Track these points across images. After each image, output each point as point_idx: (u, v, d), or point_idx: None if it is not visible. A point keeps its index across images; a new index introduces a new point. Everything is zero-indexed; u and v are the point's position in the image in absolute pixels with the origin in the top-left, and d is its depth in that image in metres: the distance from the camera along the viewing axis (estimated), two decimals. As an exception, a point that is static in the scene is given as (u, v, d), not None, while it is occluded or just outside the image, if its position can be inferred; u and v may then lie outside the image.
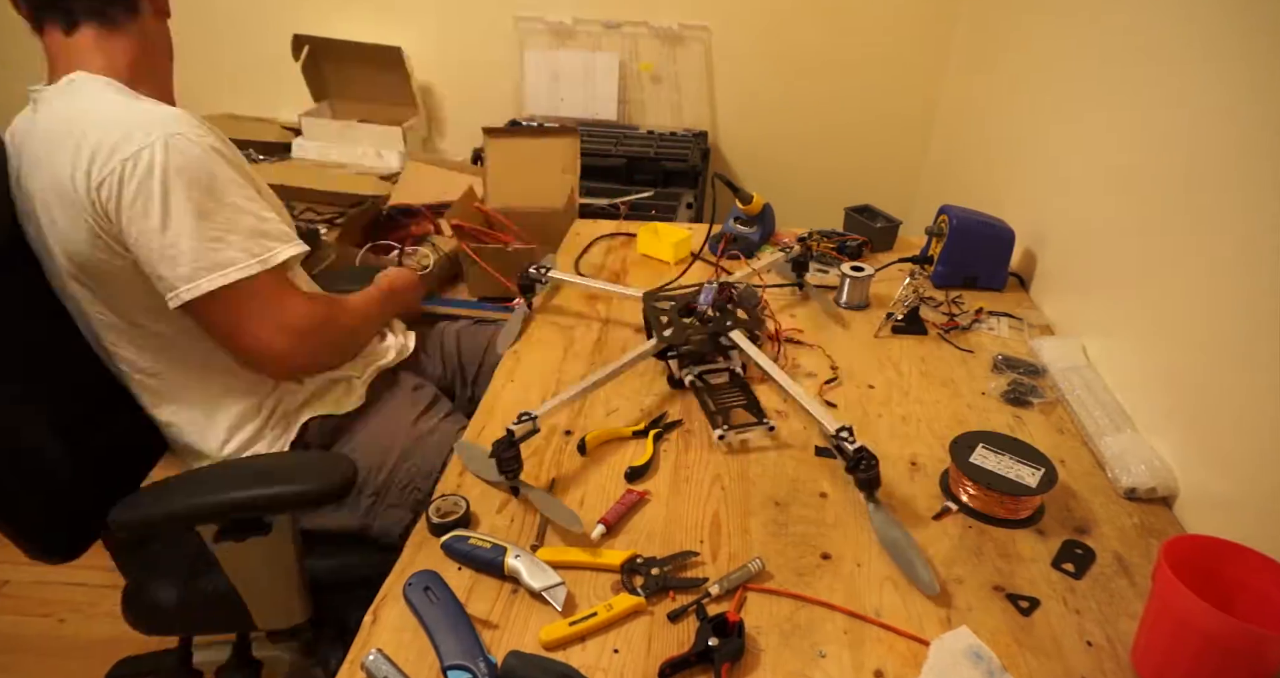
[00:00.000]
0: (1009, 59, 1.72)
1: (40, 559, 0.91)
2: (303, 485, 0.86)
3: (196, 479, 0.92)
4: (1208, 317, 0.90)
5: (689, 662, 0.66)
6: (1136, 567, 0.79)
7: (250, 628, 0.98)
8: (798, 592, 0.74)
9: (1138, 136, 1.10)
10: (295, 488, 0.85)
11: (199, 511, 0.86)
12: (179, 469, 1.02)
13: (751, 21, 2.19)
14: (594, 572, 0.76)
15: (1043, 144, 1.45)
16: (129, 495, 0.88)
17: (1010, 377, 1.09)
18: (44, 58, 0.94)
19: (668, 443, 0.95)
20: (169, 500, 0.88)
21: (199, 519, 0.86)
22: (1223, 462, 0.84)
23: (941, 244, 1.36)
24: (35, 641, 1.55)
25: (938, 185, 2.18)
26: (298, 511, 0.92)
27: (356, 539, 1.06)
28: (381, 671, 0.63)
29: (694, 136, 2.25)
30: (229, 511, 0.86)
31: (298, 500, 0.87)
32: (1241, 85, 0.89)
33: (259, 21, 2.29)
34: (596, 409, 1.00)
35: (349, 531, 1.06)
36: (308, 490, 0.85)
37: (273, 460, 1.00)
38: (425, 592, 0.70)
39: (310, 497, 0.86)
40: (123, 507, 0.86)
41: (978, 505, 0.85)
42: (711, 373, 1.03)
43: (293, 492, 0.85)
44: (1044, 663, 0.69)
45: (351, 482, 0.86)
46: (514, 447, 0.83)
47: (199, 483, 0.91)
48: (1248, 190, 0.85)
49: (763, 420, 0.95)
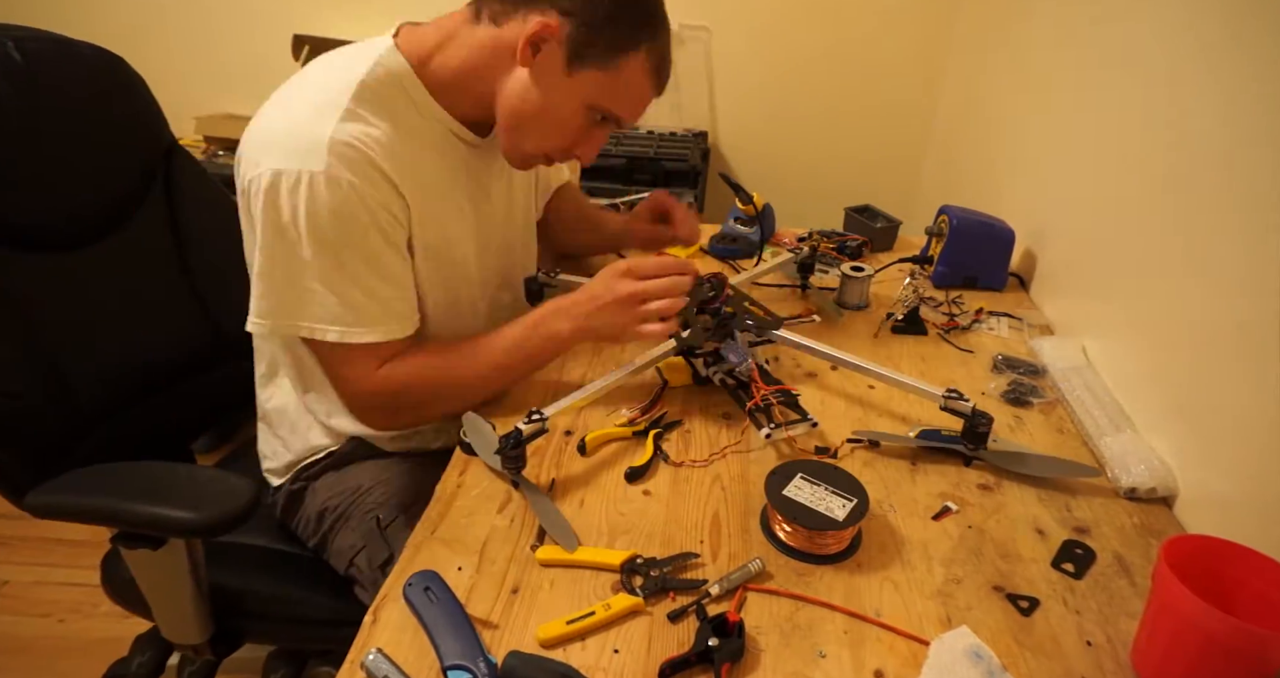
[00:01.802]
0: (1009, 59, 1.72)
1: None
2: (183, 513, 0.80)
3: (106, 474, 0.89)
4: (1208, 317, 0.90)
5: (689, 662, 0.66)
6: (1136, 567, 0.79)
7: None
8: (798, 592, 0.74)
9: (1138, 136, 1.10)
10: (174, 514, 0.80)
11: (86, 511, 0.83)
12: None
13: (751, 21, 2.19)
14: (594, 571, 0.76)
15: (1043, 144, 1.45)
16: (51, 480, 0.86)
17: (1010, 377, 1.09)
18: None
19: (668, 443, 0.94)
20: (70, 494, 0.85)
21: (89, 520, 0.83)
22: (1223, 462, 0.84)
23: (941, 244, 1.36)
24: (35, 641, 1.55)
25: (938, 185, 2.18)
26: (178, 536, 0.86)
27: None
28: (381, 670, 0.63)
29: (694, 137, 2.25)
30: (109, 520, 0.83)
31: (174, 527, 0.81)
32: (1242, 85, 0.88)
33: (259, 21, 2.29)
34: (597, 409, 1.00)
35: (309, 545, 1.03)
36: (187, 520, 0.80)
37: (174, 474, 0.91)
38: (425, 592, 0.70)
39: (189, 526, 0.80)
40: (39, 491, 0.84)
41: (794, 543, 0.78)
42: (734, 371, 0.98)
43: (170, 517, 0.80)
44: (1044, 663, 0.69)
45: (240, 518, 0.80)
46: (520, 446, 0.83)
47: (104, 479, 0.87)
48: (1249, 190, 0.85)
49: (807, 417, 0.92)
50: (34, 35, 0.98)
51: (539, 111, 0.88)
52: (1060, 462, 0.93)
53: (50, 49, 0.99)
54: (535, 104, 0.88)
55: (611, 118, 0.91)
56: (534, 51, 0.85)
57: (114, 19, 2.29)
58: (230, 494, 0.82)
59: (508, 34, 0.86)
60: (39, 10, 2.19)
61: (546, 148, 0.94)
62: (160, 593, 0.91)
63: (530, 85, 0.86)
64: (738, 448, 0.94)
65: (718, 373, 0.99)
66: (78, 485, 0.87)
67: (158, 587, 0.90)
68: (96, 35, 1.06)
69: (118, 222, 1.07)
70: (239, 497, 0.82)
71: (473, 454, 0.90)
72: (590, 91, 0.87)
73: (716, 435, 0.96)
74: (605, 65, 0.85)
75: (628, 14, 0.85)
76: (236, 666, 1.26)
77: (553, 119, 0.89)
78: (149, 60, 1.18)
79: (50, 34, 1.01)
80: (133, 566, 0.88)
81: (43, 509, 0.86)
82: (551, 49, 0.84)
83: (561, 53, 0.85)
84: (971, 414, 0.90)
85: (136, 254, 1.08)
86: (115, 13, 2.32)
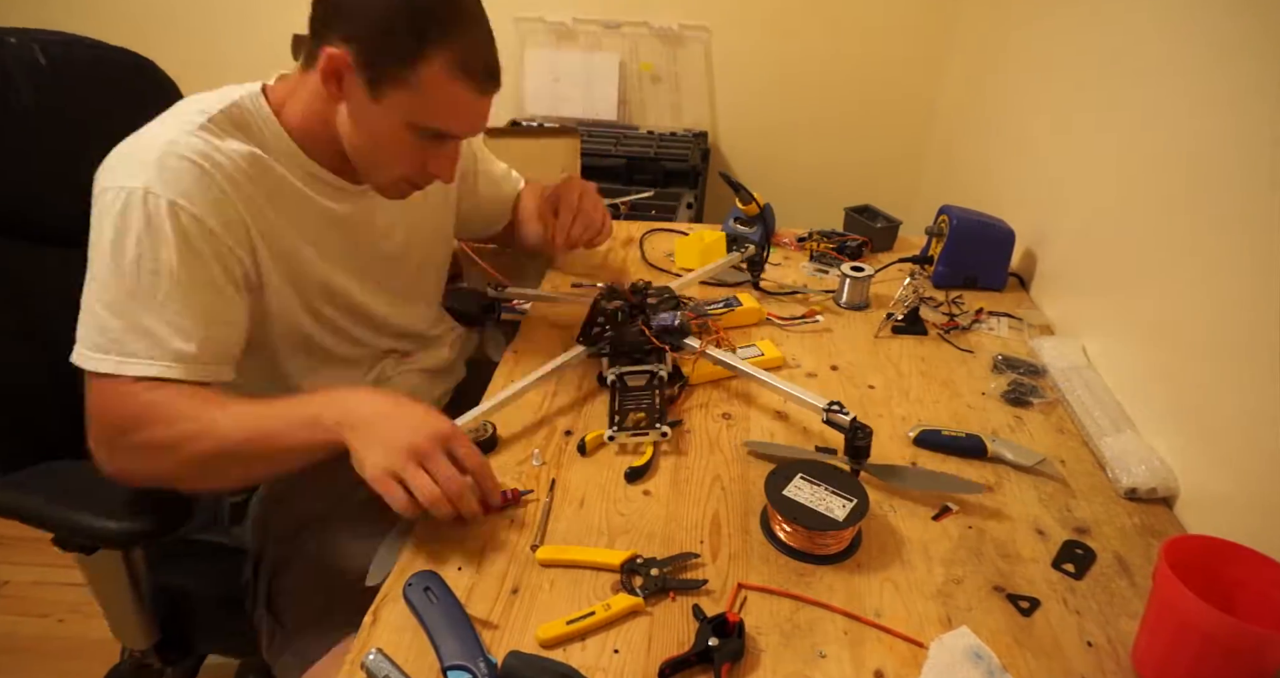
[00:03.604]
0: (1009, 59, 1.72)
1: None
2: (92, 519, 0.77)
3: (55, 473, 0.87)
4: (1208, 317, 0.90)
5: (689, 662, 0.66)
6: (1137, 567, 0.79)
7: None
8: (798, 592, 0.74)
9: (1138, 136, 1.10)
10: (98, 523, 0.77)
11: (17, 512, 0.82)
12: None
13: (751, 21, 2.19)
14: (594, 571, 0.76)
15: (1043, 144, 1.45)
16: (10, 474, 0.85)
17: (1010, 377, 1.09)
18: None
19: (668, 443, 0.94)
20: (12, 491, 0.84)
21: (23, 520, 0.81)
22: (1223, 462, 0.84)
23: (941, 244, 1.36)
24: (35, 641, 1.55)
25: (938, 185, 2.18)
26: (104, 546, 0.84)
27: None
28: (382, 670, 0.63)
29: (694, 137, 2.25)
30: (38, 522, 0.81)
31: (97, 535, 0.79)
32: (1242, 85, 0.89)
33: (259, 22, 2.29)
34: (598, 409, 1.00)
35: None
36: (99, 529, 0.77)
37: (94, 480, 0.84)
38: (425, 592, 0.70)
39: (111, 535, 0.77)
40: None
41: (794, 543, 0.79)
42: (634, 375, 1.00)
43: (92, 526, 0.78)
44: (1044, 663, 0.69)
45: (168, 529, 0.77)
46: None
47: (49, 477, 0.85)
48: (1249, 190, 0.85)
49: (656, 425, 0.93)
50: (64, 39, 0.99)
51: (367, 142, 0.85)
52: (943, 477, 0.89)
53: (80, 52, 1.00)
54: (363, 136, 0.84)
55: (433, 132, 0.85)
56: (338, 85, 0.82)
57: (114, 19, 2.29)
58: (165, 503, 0.79)
59: (319, 74, 0.82)
60: (39, 10, 2.19)
61: (395, 175, 0.89)
62: (102, 596, 0.89)
63: (349, 119, 0.84)
64: (631, 450, 0.94)
65: (613, 374, 1.00)
66: (23, 483, 0.85)
67: (99, 590, 0.88)
68: (97, 35, 1.06)
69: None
70: (174, 507, 0.79)
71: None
72: (402, 112, 0.82)
73: (717, 436, 0.97)
74: (402, 81, 0.80)
75: (403, 21, 0.78)
76: (215, 673, 1.25)
77: (381, 147, 0.85)
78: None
79: (81, 38, 1.01)
80: (81, 566, 0.86)
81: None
82: (350, 79, 0.81)
83: (360, 80, 0.80)
84: (851, 428, 0.86)
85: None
86: (115, 12, 2.32)
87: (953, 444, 0.94)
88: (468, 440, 0.78)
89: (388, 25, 0.78)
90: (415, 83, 0.80)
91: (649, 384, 0.99)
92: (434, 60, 0.79)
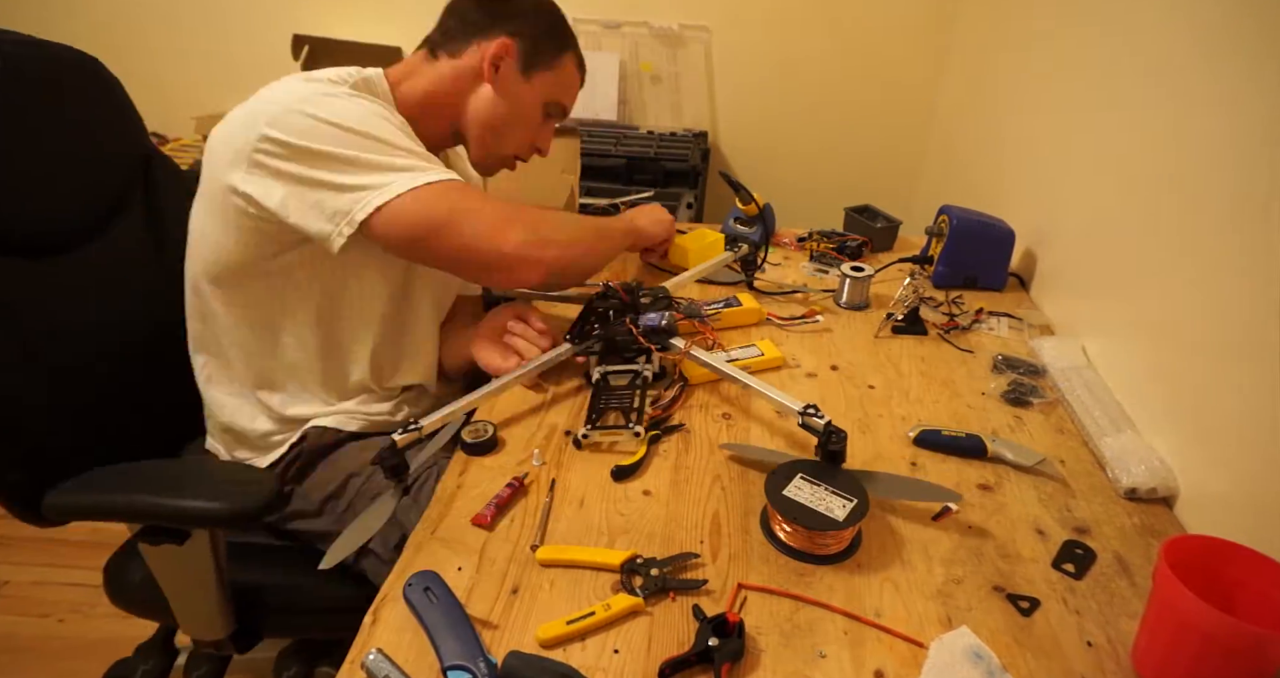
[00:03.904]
0: (1009, 59, 1.72)
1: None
2: (208, 503, 0.81)
3: (124, 472, 0.89)
4: (1208, 317, 0.90)
5: (689, 662, 0.66)
6: (1136, 567, 0.80)
7: (174, 625, 0.97)
8: (797, 592, 0.74)
9: (1138, 136, 1.10)
10: (200, 504, 0.81)
11: (112, 508, 0.83)
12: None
13: (751, 21, 2.19)
14: (594, 572, 0.76)
15: (1043, 144, 1.45)
16: (70, 479, 0.86)
17: (1010, 377, 1.09)
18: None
19: (668, 443, 0.95)
20: (91, 493, 0.85)
21: (114, 517, 0.83)
22: (1222, 462, 0.84)
23: (941, 244, 1.36)
24: (35, 641, 1.55)
25: (938, 185, 2.19)
26: (204, 527, 0.87)
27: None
28: (382, 670, 0.63)
29: (694, 137, 2.25)
30: (135, 515, 0.83)
31: (202, 517, 0.82)
32: (1241, 85, 0.89)
33: (259, 21, 2.29)
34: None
35: (319, 534, 1.03)
36: (212, 510, 0.81)
37: (188, 468, 0.94)
38: (425, 592, 0.70)
39: (215, 516, 0.81)
40: (57, 491, 0.84)
41: (794, 543, 0.79)
42: (618, 374, 1.01)
43: (196, 508, 0.81)
44: (1044, 663, 0.69)
45: (266, 508, 0.82)
46: (398, 455, 0.83)
47: (123, 476, 0.87)
48: (1248, 190, 0.85)
49: (629, 425, 0.93)
50: (11, 38, 0.95)
51: (507, 114, 1.06)
52: (917, 484, 0.88)
53: (27, 52, 0.96)
54: (504, 109, 1.06)
55: (559, 109, 1.11)
56: (495, 69, 1.03)
57: (113, 19, 2.29)
58: (252, 484, 0.84)
59: (466, 62, 1.04)
60: (40, 10, 2.19)
61: (515, 147, 1.11)
62: (183, 590, 0.91)
63: (496, 97, 1.05)
64: (606, 449, 0.94)
65: (598, 373, 1.01)
66: (95, 485, 0.86)
67: (180, 584, 0.90)
68: (97, 36, 1.06)
69: (103, 225, 1.05)
70: (263, 486, 0.83)
71: (473, 455, 0.91)
72: (545, 90, 1.08)
73: (717, 436, 0.97)
74: (551, 67, 1.07)
75: (558, 27, 1.09)
76: (245, 666, 1.27)
77: (519, 119, 1.08)
78: (149, 60, 1.18)
79: (26, 37, 0.98)
80: (154, 563, 0.88)
81: (62, 511, 0.86)
82: (508, 64, 1.04)
83: (517, 65, 1.05)
84: (824, 431, 0.85)
85: (119, 258, 1.06)
86: (115, 13, 2.32)
87: (953, 444, 0.94)
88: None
89: (546, 28, 1.07)
90: (558, 69, 1.08)
91: (631, 384, 1.00)
92: (570, 56, 1.10)
